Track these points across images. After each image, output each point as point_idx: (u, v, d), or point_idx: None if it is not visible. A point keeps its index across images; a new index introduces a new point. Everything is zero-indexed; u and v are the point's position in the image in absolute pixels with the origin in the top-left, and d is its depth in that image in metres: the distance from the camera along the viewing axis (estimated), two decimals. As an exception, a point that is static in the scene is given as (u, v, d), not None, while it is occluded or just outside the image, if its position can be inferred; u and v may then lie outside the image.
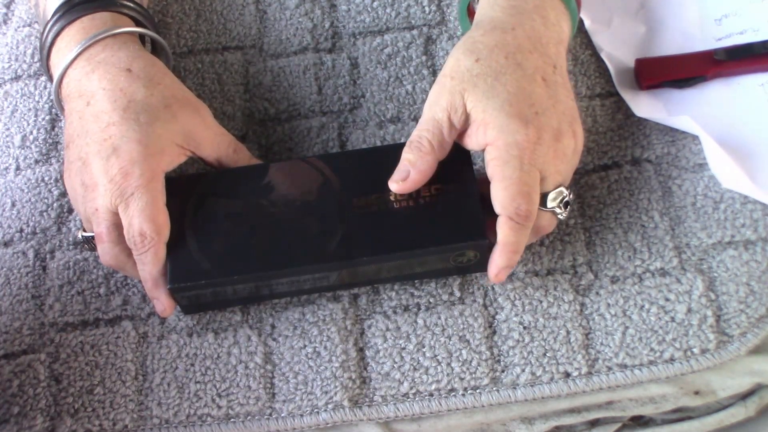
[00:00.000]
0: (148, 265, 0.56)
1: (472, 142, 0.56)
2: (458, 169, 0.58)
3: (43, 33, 0.60)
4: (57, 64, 0.59)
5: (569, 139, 0.55)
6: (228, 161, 0.60)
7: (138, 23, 0.61)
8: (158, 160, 0.55)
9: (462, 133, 0.56)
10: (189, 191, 0.59)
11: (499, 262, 0.55)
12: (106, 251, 0.57)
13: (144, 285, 0.57)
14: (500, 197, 0.53)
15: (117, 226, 0.56)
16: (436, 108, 0.55)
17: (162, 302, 0.57)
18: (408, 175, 0.56)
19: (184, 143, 0.57)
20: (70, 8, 0.59)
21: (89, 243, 0.58)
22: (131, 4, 0.61)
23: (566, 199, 0.55)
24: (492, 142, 0.54)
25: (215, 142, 0.59)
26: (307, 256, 0.57)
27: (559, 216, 0.56)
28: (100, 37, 0.58)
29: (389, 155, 0.57)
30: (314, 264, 0.57)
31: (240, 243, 0.57)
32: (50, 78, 0.61)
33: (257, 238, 0.57)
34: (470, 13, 0.64)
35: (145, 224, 0.54)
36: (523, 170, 0.53)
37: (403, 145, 0.56)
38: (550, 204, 0.55)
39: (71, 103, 0.58)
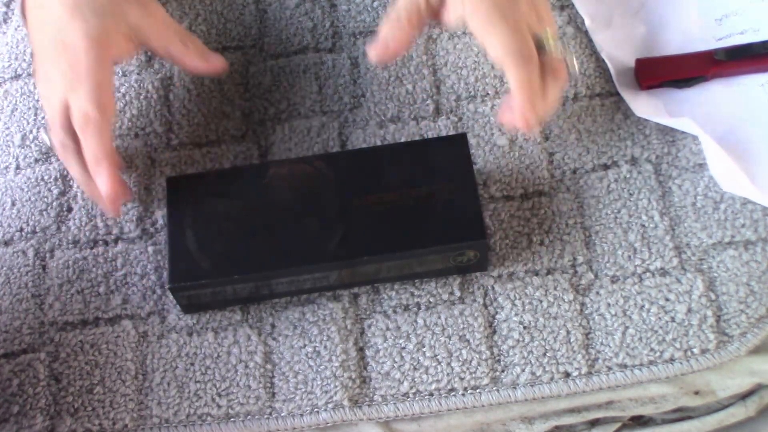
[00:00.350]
0: (91, 143, 0.57)
1: (450, 17, 0.58)
2: (458, 169, 0.58)
3: None
4: None
5: None
6: (178, 53, 0.62)
7: None
8: (104, 50, 0.58)
9: (437, 13, 0.58)
10: (189, 191, 0.59)
11: (520, 104, 0.55)
12: (55, 136, 0.59)
13: (88, 165, 0.58)
14: (495, 44, 0.55)
15: (67, 115, 0.58)
16: None
17: (104, 180, 0.57)
18: (387, 44, 0.59)
19: (132, 35, 0.60)
20: None
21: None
22: None
23: (559, 38, 0.57)
24: (472, 10, 0.56)
25: (163, 34, 0.61)
26: (307, 256, 0.57)
27: (561, 55, 0.57)
28: None
29: (389, 155, 0.57)
30: (314, 264, 0.57)
31: (240, 243, 0.57)
32: None
33: (257, 238, 0.57)
34: None
35: (88, 104, 0.57)
36: (507, 20, 0.55)
37: (404, 144, 0.56)
38: (545, 44, 0.57)
39: (31, 13, 0.61)
